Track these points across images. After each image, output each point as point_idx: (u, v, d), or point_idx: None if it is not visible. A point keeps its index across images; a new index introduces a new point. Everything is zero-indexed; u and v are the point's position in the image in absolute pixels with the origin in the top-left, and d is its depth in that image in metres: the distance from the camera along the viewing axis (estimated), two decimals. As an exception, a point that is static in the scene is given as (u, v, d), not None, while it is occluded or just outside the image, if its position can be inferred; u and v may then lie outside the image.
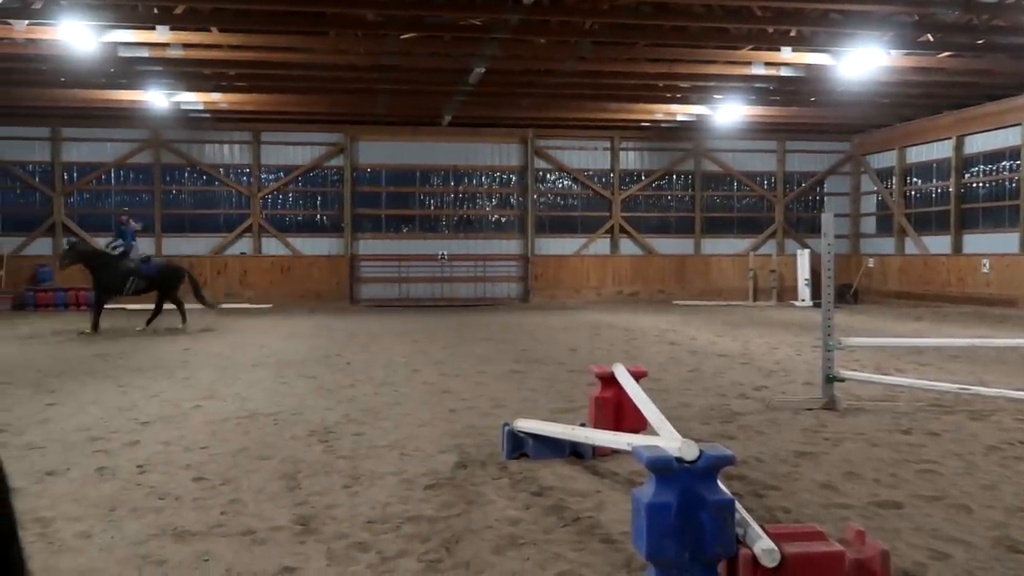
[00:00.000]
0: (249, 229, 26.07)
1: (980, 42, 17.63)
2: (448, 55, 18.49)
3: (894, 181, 26.93)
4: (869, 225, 28.58)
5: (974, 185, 24.03)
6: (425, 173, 27.04)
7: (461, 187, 27.28)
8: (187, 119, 24.47)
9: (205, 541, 4.26)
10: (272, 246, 26.27)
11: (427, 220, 27.12)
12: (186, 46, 17.19)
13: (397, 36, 17.14)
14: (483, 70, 18.63)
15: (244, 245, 26.12)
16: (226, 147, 26.18)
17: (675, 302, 26.05)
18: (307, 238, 26.45)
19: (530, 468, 5.67)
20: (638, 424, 5.76)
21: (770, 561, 3.47)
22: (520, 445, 5.93)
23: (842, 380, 8.01)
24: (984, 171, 23.65)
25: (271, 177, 26.32)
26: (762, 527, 3.68)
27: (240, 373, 10.40)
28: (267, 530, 4.42)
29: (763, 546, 3.50)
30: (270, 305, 24.40)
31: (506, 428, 6.02)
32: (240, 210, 26.10)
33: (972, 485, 5.28)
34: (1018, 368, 10.36)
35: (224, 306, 21.81)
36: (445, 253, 26.68)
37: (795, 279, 25.67)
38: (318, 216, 26.75)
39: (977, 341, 9.89)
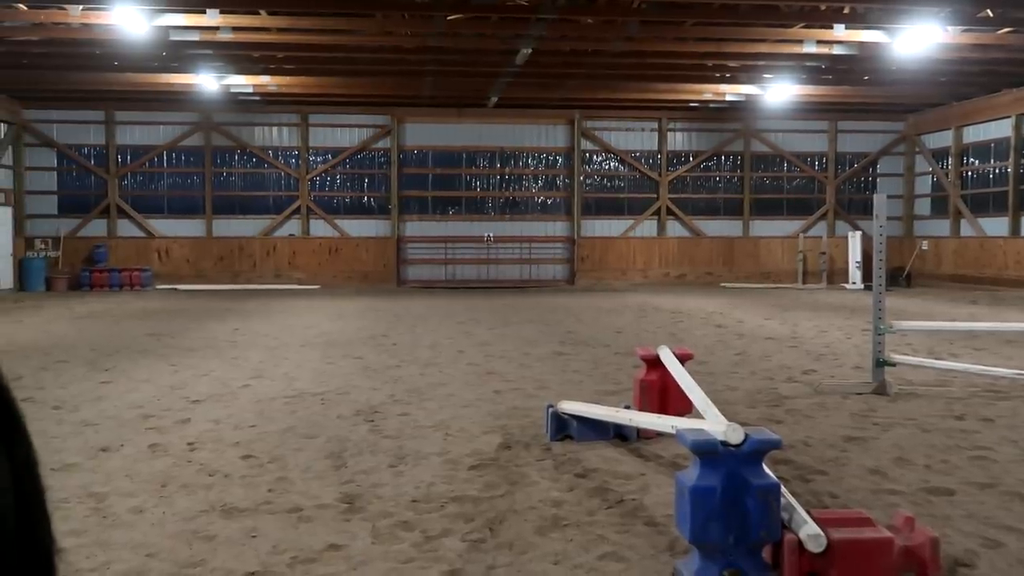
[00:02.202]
0: (297, 211, 26.35)
1: (1042, 17, 17.07)
2: (495, 36, 18.41)
3: (950, 162, 26.26)
4: (923, 207, 27.92)
5: (1034, 165, 23.34)
6: (471, 155, 27.05)
7: (507, 169, 27.24)
8: (237, 102, 24.76)
9: (253, 518, 4.34)
10: (320, 228, 26.52)
11: (473, 202, 27.14)
12: (235, 29, 17.36)
13: (443, 17, 17.11)
14: (530, 51, 18.52)
15: (293, 227, 26.41)
16: (275, 129, 26.46)
17: (723, 285, 25.78)
18: (354, 220, 26.66)
19: (574, 450, 5.67)
20: (683, 407, 5.72)
21: (816, 546, 3.44)
22: (564, 427, 5.93)
23: (893, 365, 7.87)
24: (1045, 151, 22.96)
25: (319, 159, 26.54)
26: (808, 512, 3.65)
27: (288, 353, 10.55)
28: (313, 508, 4.49)
29: (809, 531, 3.47)
30: (318, 286, 24.68)
31: (550, 410, 6.03)
32: (289, 192, 26.38)
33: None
34: (1078, 354, 10.09)
35: (273, 287, 22.14)
36: (491, 235, 26.69)
37: (846, 261, 25.23)
38: (365, 198, 26.93)
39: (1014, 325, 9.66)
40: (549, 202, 27.41)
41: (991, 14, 16.72)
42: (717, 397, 6.38)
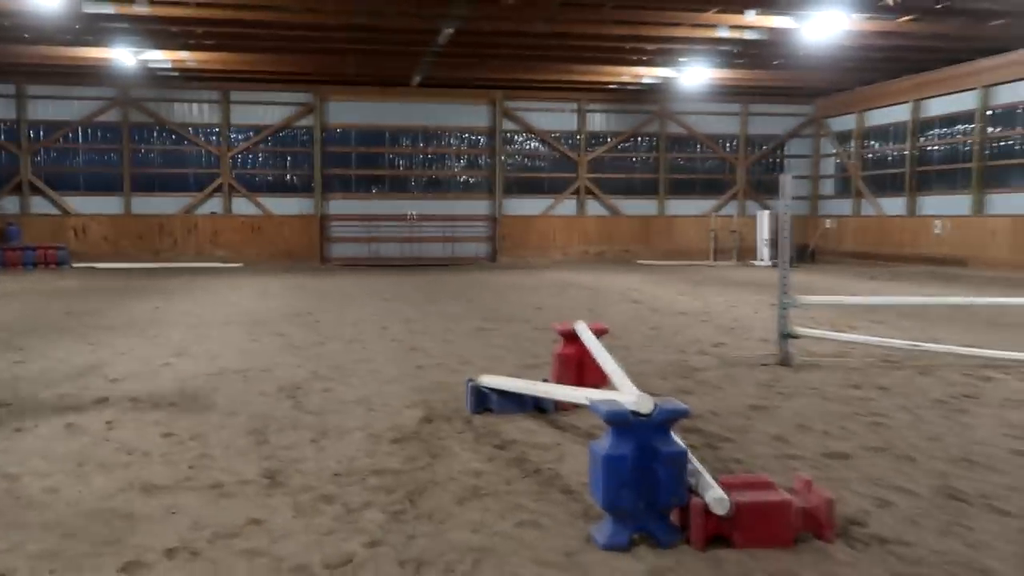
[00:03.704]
0: (219, 189, 25.72)
1: (939, 6, 17.66)
2: (418, 15, 18.20)
3: (853, 144, 27.12)
4: (828, 187, 28.81)
5: (929, 148, 24.26)
6: (395, 134, 26.79)
7: (430, 148, 27.09)
8: (155, 77, 23.96)
9: (173, 495, 4.26)
10: (242, 206, 25.96)
11: (397, 180, 26.91)
12: (152, 3, 16.76)
13: (365, -5, 16.85)
14: (452, 31, 18.39)
15: (214, 205, 25.79)
16: (195, 106, 25.72)
17: (639, 262, 26.16)
18: (278, 198, 26.16)
19: (494, 422, 5.71)
20: (599, 380, 5.81)
21: (721, 509, 3.55)
22: (484, 400, 5.97)
23: (797, 337, 8.12)
24: (940, 135, 23.88)
25: (240, 137, 25.92)
26: (714, 477, 3.76)
27: (210, 331, 10.33)
28: (234, 483, 4.43)
29: (714, 495, 3.58)
30: (241, 264, 24.17)
31: (470, 384, 6.05)
32: (210, 169, 25.72)
33: (917, 437, 5.41)
34: (966, 325, 10.56)
35: (195, 266, 21.60)
36: (414, 213, 26.54)
37: (755, 239, 25.88)
38: (288, 176, 26.44)
39: (927, 299, 10.07)
40: (471, 181, 27.36)
41: (892, 3, 17.25)
42: (632, 370, 6.49)
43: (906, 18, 18.44)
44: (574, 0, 17.32)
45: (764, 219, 25.39)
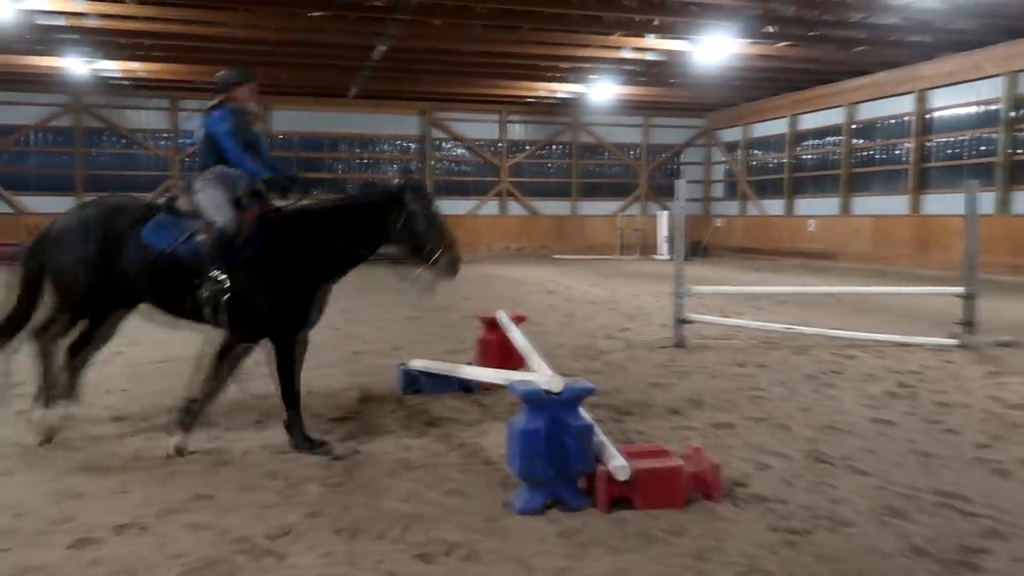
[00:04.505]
0: (169, 191, 24.88)
1: (812, 34, 18.23)
2: (355, 33, 17.90)
3: (740, 153, 27.82)
4: (719, 190, 29.48)
5: (804, 157, 25.05)
6: (334, 140, 26.36)
7: (367, 154, 26.75)
8: (107, 85, 23.00)
9: (123, 475, 4.12)
10: (191, 205, 25.16)
11: (336, 183, 26.43)
12: (103, 16, 16.08)
13: (305, 14, 16.48)
14: (386, 48, 18.16)
15: (164, 204, 24.95)
16: (144, 113, 24.79)
17: (555, 257, 26.31)
18: (224, 198, 25.44)
19: (424, 402, 5.68)
20: (518, 363, 5.83)
21: (623, 475, 3.61)
22: (415, 382, 5.94)
23: (690, 322, 8.31)
24: (813, 145, 24.66)
25: (191, 142, 25.08)
26: (617, 447, 3.82)
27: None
28: (183, 463, 4.31)
29: (617, 463, 3.64)
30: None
31: (402, 368, 6.01)
32: (160, 172, 24.84)
33: (792, 408, 5.59)
34: (835, 311, 10.95)
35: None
36: (352, 213, 26.16)
37: (656, 237, 26.32)
38: (234, 178, 25.74)
39: (802, 288, 10.40)
40: (405, 184, 27.09)
41: (772, 30, 17.74)
42: (547, 353, 6.53)
43: (784, 44, 18.98)
44: (495, 23, 17.29)
45: (663, 219, 25.83)
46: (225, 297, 4.44)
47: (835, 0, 15.60)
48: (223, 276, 4.44)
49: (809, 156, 24.83)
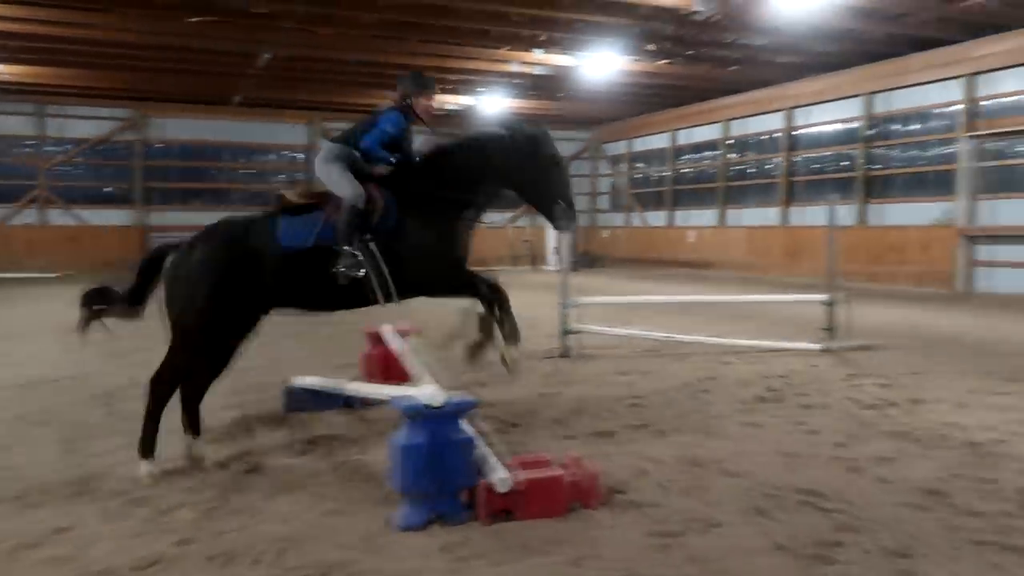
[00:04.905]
0: (35, 200, 23.37)
1: (689, 53, 19.02)
2: (237, 39, 17.36)
3: (624, 166, 28.64)
4: (605, 202, 30.24)
5: (684, 170, 26.04)
6: (217, 149, 25.43)
7: (252, 163, 25.97)
8: (-37, 88, 21.42)
9: (-26, 509, 3.83)
10: (62, 217, 23.70)
11: (218, 193, 25.54)
12: (-41, 15, 14.97)
13: (181, 18, 15.86)
14: (270, 56, 17.71)
15: (31, 216, 23.40)
16: (11, 118, 23.21)
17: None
18: (97, 209, 24.09)
19: (306, 420, 5.56)
20: (403, 377, 5.79)
21: (503, 487, 3.65)
22: (297, 400, 5.80)
23: (576, 333, 8.47)
24: (692, 159, 25.68)
25: (59, 149, 23.67)
26: (500, 459, 3.85)
27: (22, 341, 9.36)
28: (40, 493, 4.04)
29: (498, 476, 3.67)
30: (57, 274, 22.07)
31: (284, 385, 5.87)
32: (26, 180, 23.29)
33: (669, 414, 5.79)
34: (711, 319, 11.42)
35: (9, 276, 19.53)
36: (237, 224, 25.29)
37: (545, 248, 26.71)
38: (109, 188, 24.43)
39: (683, 298, 10.79)
40: (292, 194, 26.43)
41: (653, 48, 18.39)
42: (437, 366, 6.52)
43: (664, 61, 19.71)
44: (385, 33, 17.17)
45: (552, 230, 26.18)
46: (362, 271, 4.56)
47: (711, 21, 16.33)
48: (361, 249, 4.53)
49: (689, 169, 25.83)
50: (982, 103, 16.49)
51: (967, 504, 3.92)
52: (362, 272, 4.55)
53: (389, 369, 6.09)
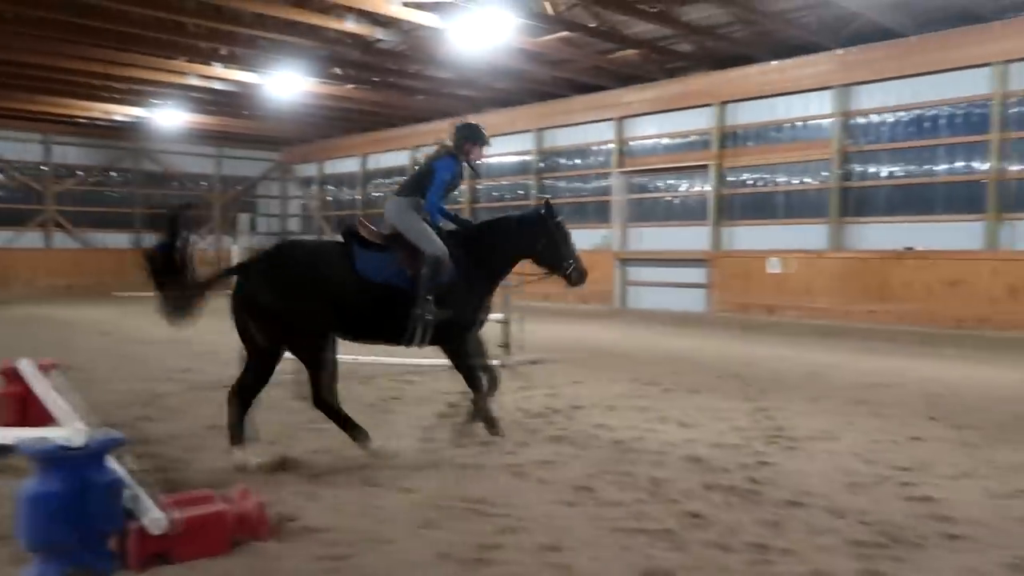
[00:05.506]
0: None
1: (377, 80, 19.36)
2: None
3: (315, 188, 28.27)
4: (295, 224, 29.55)
5: (376, 195, 26.38)
6: None
7: None
8: None
9: None
10: None
11: None
12: None
13: None
14: None
15: None
16: None
17: (115, 294, 23.79)
18: None
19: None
20: (44, 418, 5.11)
21: (157, 528, 3.38)
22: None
23: (257, 359, 8.10)
24: (384, 183, 26.10)
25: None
26: (155, 498, 3.56)
27: None
28: None
29: (151, 516, 3.39)
30: None
31: None
32: None
33: (344, 438, 5.71)
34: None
35: None
36: None
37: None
38: None
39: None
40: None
41: (340, 72, 18.44)
42: (93, 401, 5.88)
43: (352, 86, 19.85)
44: (43, 32, 15.13)
45: (236, 250, 25.01)
46: (437, 319, 5.14)
47: (396, 51, 16.80)
48: (432, 300, 5.12)
49: (381, 194, 26.20)
50: (630, 143, 18.90)
51: (609, 496, 4.42)
52: (431, 319, 5.13)
53: (27, 409, 5.33)
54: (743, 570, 3.45)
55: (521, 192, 21.49)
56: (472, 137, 5.65)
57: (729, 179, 17.11)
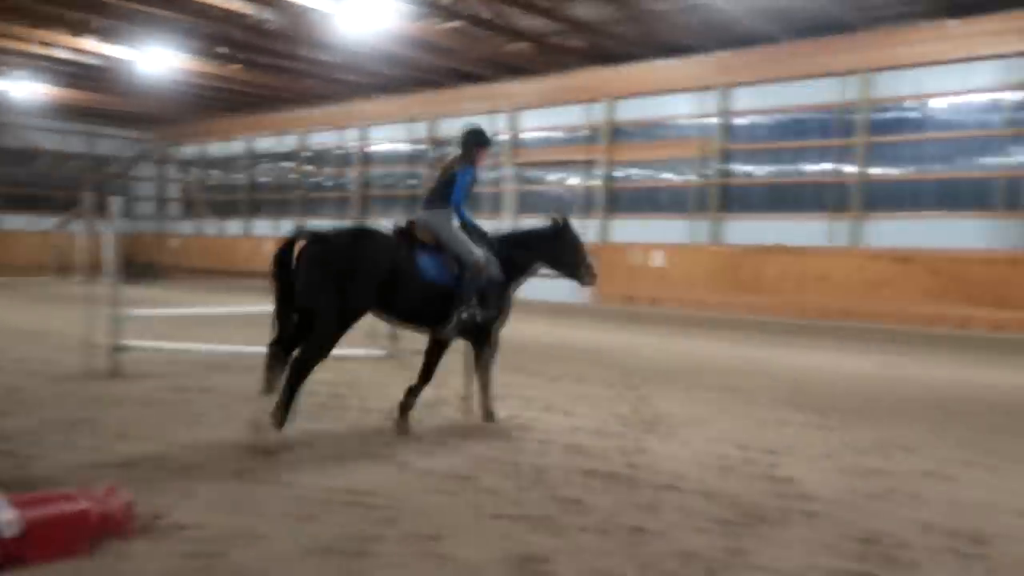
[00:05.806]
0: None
1: (263, 61, 18.71)
2: None
3: (196, 171, 27.09)
4: (176, 209, 28.26)
5: (262, 179, 25.53)
6: None
7: None
8: None
9: None
10: None
11: None
12: None
13: None
14: None
15: None
16: None
17: (-28, 279, 22.10)
18: None
19: None
20: None
21: (11, 532, 3.16)
22: None
23: (128, 349, 7.75)
24: (270, 168, 25.29)
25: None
26: (7, 499, 3.33)
27: None
28: None
29: (3, 518, 3.17)
30: None
31: None
32: None
33: (229, 431, 5.54)
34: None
35: None
36: None
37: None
38: None
39: (244, 309, 10.48)
40: None
41: (223, 51, 17.71)
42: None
43: (237, 66, 19.11)
44: None
45: (108, 237, 23.62)
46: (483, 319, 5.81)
47: (284, 32, 16.26)
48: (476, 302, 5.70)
49: (267, 179, 25.38)
50: (521, 135, 19.04)
51: (491, 484, 4.45)
52: (478, 318, 5.73)
53: None
54: (618, 552, 3.56)
55: (414, 181, 21.25)
56: (481, 141, 5.94)
57: (615, 174, 17.54)
